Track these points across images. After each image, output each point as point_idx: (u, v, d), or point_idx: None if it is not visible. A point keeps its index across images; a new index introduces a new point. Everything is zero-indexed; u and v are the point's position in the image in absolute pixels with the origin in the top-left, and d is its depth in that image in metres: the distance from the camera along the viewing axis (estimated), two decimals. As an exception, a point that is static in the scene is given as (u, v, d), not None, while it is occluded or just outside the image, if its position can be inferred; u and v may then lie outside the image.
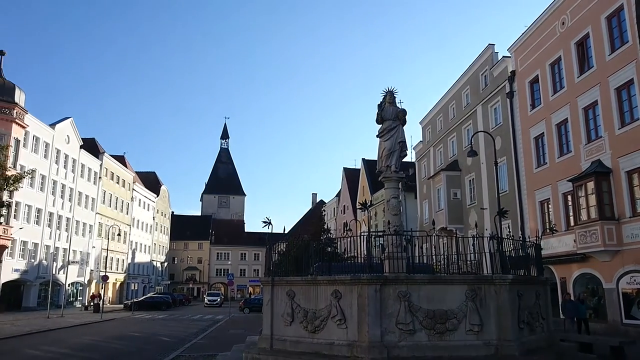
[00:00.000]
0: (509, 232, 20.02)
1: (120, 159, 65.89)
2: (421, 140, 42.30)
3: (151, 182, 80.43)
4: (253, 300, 47.26)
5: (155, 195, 78.52)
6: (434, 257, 11.32)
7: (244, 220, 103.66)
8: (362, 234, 10.60)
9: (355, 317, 9.30)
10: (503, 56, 28.37)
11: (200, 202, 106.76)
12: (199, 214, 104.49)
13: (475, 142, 27.18)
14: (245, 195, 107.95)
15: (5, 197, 23.15)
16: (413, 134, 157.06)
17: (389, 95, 12.13)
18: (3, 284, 37.59)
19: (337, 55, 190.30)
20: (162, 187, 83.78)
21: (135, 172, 73.01)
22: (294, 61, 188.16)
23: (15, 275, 39.57)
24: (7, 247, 37.35)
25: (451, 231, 29.90)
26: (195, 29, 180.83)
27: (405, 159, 12.90)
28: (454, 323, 9.34)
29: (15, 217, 38.67)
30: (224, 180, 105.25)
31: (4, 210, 28.32)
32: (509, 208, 19.52)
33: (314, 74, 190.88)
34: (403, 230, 11.30)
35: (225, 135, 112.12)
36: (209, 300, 58.80)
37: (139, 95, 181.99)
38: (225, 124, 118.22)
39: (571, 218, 21.90)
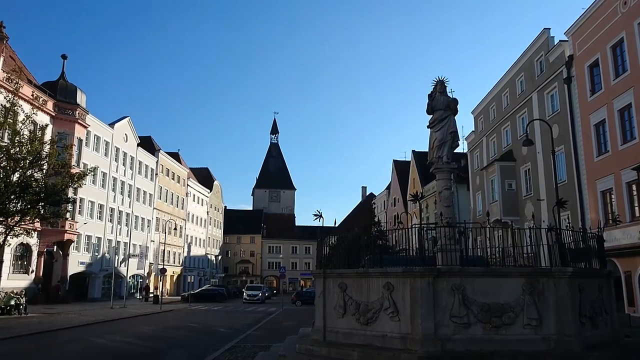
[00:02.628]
0: (569, 223, 19.24)
1: (175, 156, 68.07)
2: (473, 130, 41.28)
3: (204, 177, 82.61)
4: (305, 293, 47.78)
5: (209, 191, 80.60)
6: (488, 249, 11.07)
7: (294, 214, 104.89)
8: (413, 226, 10.50)
9: (408, 310, 9.24)
10: (560, 40, 27.18)
11: (252, 197, 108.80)
12: (251, 208, 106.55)
13: (530, 131, 26.27)
14: (295, 189, 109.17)
15: (70, 194, 24.42)
16: (465, 124, 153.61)
17: (440, 85, 11.90)
18: (70, 276, 39.79)
19: (385, 46, 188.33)
20: (215, 183, 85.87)
21: (189, 168, 75.20)
22: (342, 53, 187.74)
23: (81, 268, 41.80)
24: (73, 241, 39.46)
25: (506, 223, 29.06)
26: (241, 26, 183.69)
27: (457, 150, 12.64)
28: (510, 317, 9.11)
29: (80, 212, 40.76)
30: (275, 174, 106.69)
31: (69, 206, 29.94)
32: (568, 199, 18.72)
33: (362, 65, 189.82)
34: (456, 222, 11.10)
35: (274, 130, 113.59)
36: (248, 296, 48.59)
37: (191, 93, 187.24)
38: (274, 119, 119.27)
39: (636, 209, 20.80)
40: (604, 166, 22.89)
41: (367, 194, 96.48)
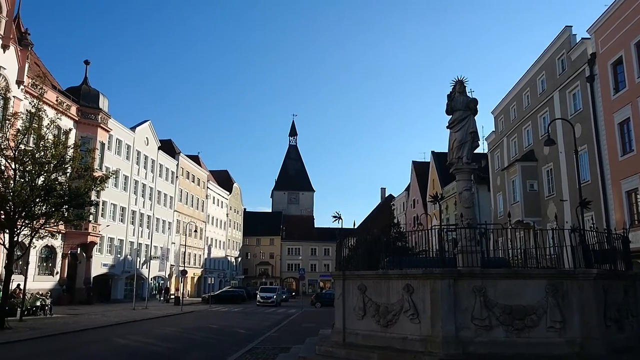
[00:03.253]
0: (592, 224, 18.88)
1: (195, 159, 68.75)
2: (493, 130, 40.81)
3: (224, 180, 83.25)
4: (324, 295, 47.76)
5: (228, 193, 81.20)
6: (510, 251, 10.92)
7: (313, 216, 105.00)
8: (433, 227, 10.42)
9: (429, 312, 9.16)
10: (582, 38, 26.72)
11: (271, 199, 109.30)
12: (270, 210, 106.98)
13: (552, 131, 25.84)
14: (314, 191, 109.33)
15: (93, 197, 24.84)
16: (485, 124, 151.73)
17: (459, 85, 11.82)
18: (94, 277, 40.46)
19: (404, 47, 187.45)
20: (234, 185, 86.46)
21: (209, 170, 75.87)
22: (361, 55, 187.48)
23: (104, 270, 42.47)
24: (96, 244, 40.13)
25: (528, 224, 28.67)
26: (261, 29, 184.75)
27: (477, 150, 12.53)
28: (533, 319, 8.97)
29: (102, 215, 41.43)
30: (293, 176, 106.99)
31: (92, 209, 30.45)
32: (592, 199, 18.35)
33: (381, 66, 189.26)
34: (476, 224, 10.99)
35: (293, 132, 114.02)
36: (261, 298, 44.93)
37: (210, 97, 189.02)
38: (293, 121, 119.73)
39: (663, 209, 20.28)
40: (629, 165, 22.39)
41: (386, 195, 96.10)
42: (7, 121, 20.75)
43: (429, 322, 9.14)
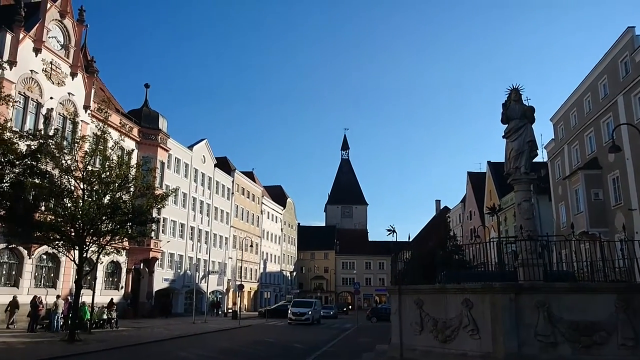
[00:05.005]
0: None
1: (250, 175, 70.24)
2: (553, 138, 39.29)
3: (278, 195, 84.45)
4: (380, 309, 47.20)
5: (282, 208, 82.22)
6: (574, 263, 10.46)
7: (367, 229, 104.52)
8: (492, 240, 10.15)
9: (489, 327, 8.90)
10: (646, 39, 25.39)
11: (324, 213, 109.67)
12: (323, 224, 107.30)
13: (617, 136, 24.60)
14: (367, 204, 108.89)
15: (155, 214, 25.83)
16: (543, 131, 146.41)
17: (514, 93, 11.54)
18: (156, 292, 41.90)
19: (456, 53, 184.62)
20: (288, 200, 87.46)
21: (263, 186, 77.23)
22: (408, 67, 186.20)
23: (165, 284, 43.92)
24: (158, 259, 41.60)
25: (594, 235, 27.26)
26: (313, 46, 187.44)
27: (535, 159, 12.14)
28: (602, 336, 8.52)
29: (163, 231, 42.96)
30: (346, 190, 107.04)
31: (154, 226, 31.64)
32: (664, 208, 17.28)
33: (433, 76, 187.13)
34: (538, 235, 10.61)
35: (345, 146, 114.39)
36: (293, 314, 36.68)
37: (263, 114, 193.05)
38: (345, 135, 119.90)
39: None
40: None
41: (441, 207, 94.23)
42: (76, 144, 22.01)
43: (490, 338, 8.87)
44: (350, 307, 71.36)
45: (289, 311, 37.95)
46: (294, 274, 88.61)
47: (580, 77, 33.08)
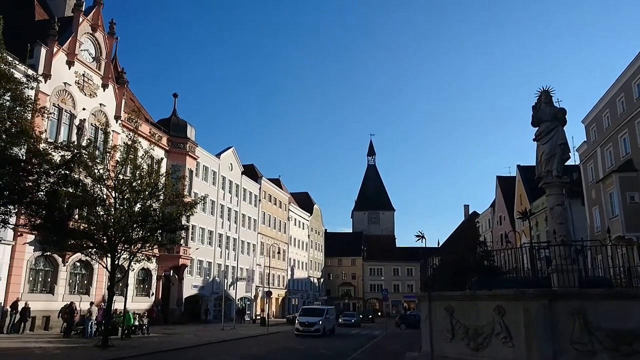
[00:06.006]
0: None
1: (276, 182, 70.60)
2: (585, 140, 38.33)
3: (304, 201, 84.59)
4: (409, 316, 46.65)
5: (309, 214, 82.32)
6: (611, 269, 10.14)
7: (394, 235, 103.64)
8: (523, 245, 9.93)
9: (523, 335, 8.70)
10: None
11: (351, 219, 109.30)
12: (350, 230, 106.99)
13: (653, 138, 23.82)
14: (394, 210, 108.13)
15: (184, 222, 26.16)
16: (575, 134, 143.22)
17: (545, 95, 11.32)
18: (185, 298, 42.41)
19: (483, 55, 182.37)
20: (315, 206, 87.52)
21: (290, 193, 77.49)
22: (440, 71, 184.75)
23: (195, 291, 44.41)
24: (187, 266, 42.12)
25: (630, 240, 26.41)
26: (339, 54, 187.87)
27: (567, 162, 11.86)
28: (643, 344, 8.22)
29: (192, 238, 43.50)
30: (373, 196, 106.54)
31: (183, 233, 32.08)
32: None
33: (457, 82, 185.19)
34: (571, 240, 10.34)
35: (371, 152, 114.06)
36: (300, 325, 31.26)
37: (290, 121, 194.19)
38: (370, 140, 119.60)
39: None
40: None
41: (470, 212, 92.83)
42: (108, 154, 22.54)
43: (523, 346, 8.67)
44: (379, 313, 70.47)
45: (296, 321, 32.76)
46: (322, 280, 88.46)
47: (612, 79, 32.20)
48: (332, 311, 36.84)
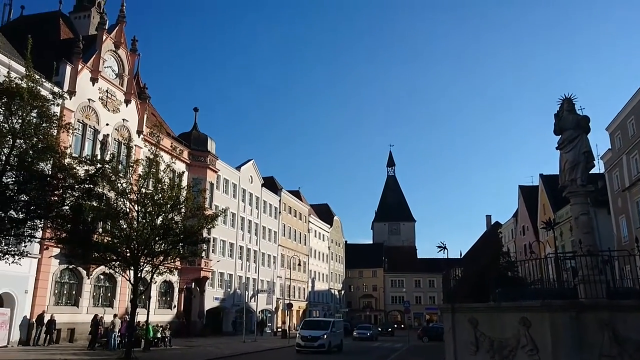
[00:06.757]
0: None
1: (296, 194, 70.75)
2: (610, 148, 37.58)
3: (324, 213, 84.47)
4: (432, 329, 45.96)
5: (329, 226, 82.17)
6: (640, 280, 9.87)
7: (415, 247, 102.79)
8: (548, 256, 9.75)
9: (549, 348, 8.50)
10: None
11: (371, 230, 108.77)
12: (371, 242, 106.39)
13: (681, 144, 23.25)
14: (415, 221, 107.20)
15: (205, 234, 26.39)
16: (599, 142, 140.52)
17: (567, 103, 11.16)
18: (207, 310, 42.58)
19: (505, 65, 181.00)
20: (335, 218, 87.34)
21: (310, 205, 77.54)
22: (459, 78, 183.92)
23: (216, 303, 44.56)
24: (208, 278, 42.34)
25: (660, 250, 25.72)
26: (360, 65, 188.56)
27: (592, 171, 11.63)
28: (676, 357, 7.97)
29: (213, 251, 43.77)
30: (393, 207, 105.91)
31: (204, 246, 32.31)
32: None
33: (479, 90, 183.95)
34: (598, 250, 10.11)
35: (391, 162, 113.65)
36: (302, 339, 27.59)
37: (309, 133, 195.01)
38: (390, 151, 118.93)
39: None
40: None
41: (492, 222, 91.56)
42: (130, 168, 22.93)
43: (550, 358, 8.46)
44: (402, 326, 69.36)
45: (298, 334, 29.36)
46: (342, 292, 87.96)
47: (636, 84, 31.52)
48: (340, 324, 32.88)
